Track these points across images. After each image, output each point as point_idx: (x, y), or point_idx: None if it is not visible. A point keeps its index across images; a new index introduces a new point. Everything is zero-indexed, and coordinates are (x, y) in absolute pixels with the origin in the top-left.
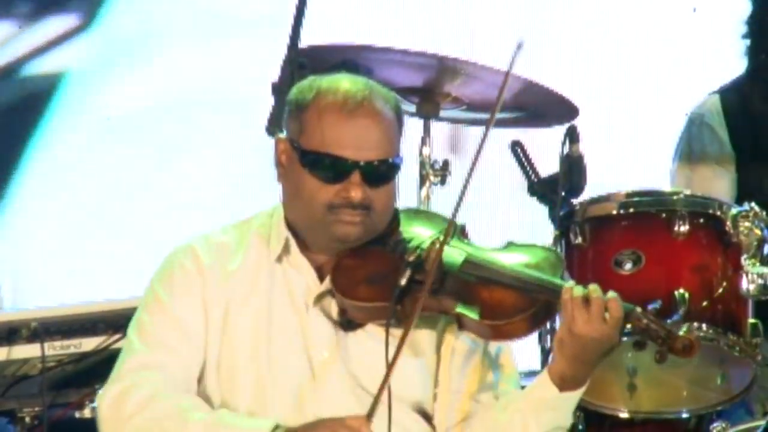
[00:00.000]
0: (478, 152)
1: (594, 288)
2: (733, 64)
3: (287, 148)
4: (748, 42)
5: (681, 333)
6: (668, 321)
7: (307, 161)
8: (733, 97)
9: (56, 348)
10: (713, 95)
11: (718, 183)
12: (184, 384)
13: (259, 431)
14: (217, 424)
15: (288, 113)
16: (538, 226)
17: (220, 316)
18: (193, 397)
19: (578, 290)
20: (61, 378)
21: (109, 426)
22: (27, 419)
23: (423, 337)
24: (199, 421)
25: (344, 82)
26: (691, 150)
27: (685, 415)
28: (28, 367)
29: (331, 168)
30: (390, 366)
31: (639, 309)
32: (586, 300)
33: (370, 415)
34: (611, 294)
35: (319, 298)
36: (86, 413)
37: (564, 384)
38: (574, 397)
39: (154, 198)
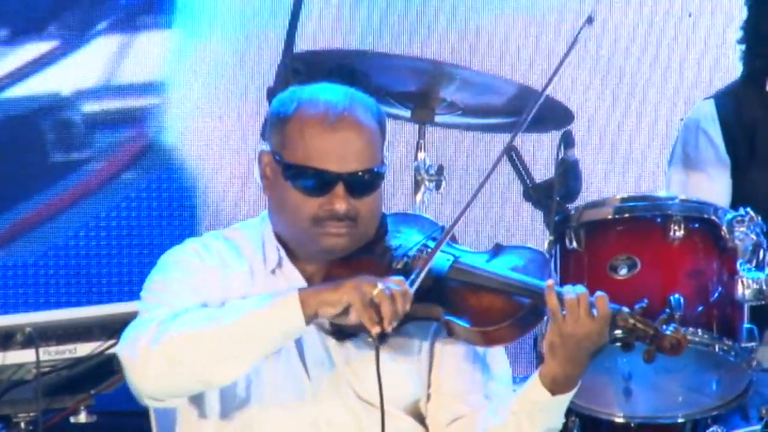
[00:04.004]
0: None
1: (579, 288)
2: (728, 69)
3: (271, 161)
4: (743, 47)
5: (668, 332)
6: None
7: (290, 175)
8: (728, 102)
9: (51, 353)
10: (708, 100)
11: (713, 188)
12: None
13: (285, 304)
14: (247, 306)
15: (270, 125)
16: (533, 231)
17: None
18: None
19: (564, 290)
20: (56, 383)
21: (133, 364)
22: (22, 425)
23: (415, 339)
24: (227, 312)
25: (325, 94)
26: (687, 155)
27: (680, 420)
28: (23, 372)
29: (315, 181)
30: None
31: (626, 309)
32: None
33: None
34: (598, 293)
35: None
36: (81, 418)
37: (556, 387)
38: (565, 399)
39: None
